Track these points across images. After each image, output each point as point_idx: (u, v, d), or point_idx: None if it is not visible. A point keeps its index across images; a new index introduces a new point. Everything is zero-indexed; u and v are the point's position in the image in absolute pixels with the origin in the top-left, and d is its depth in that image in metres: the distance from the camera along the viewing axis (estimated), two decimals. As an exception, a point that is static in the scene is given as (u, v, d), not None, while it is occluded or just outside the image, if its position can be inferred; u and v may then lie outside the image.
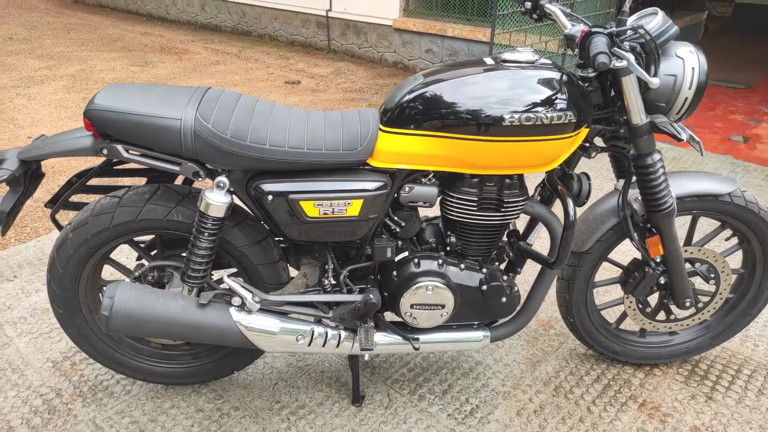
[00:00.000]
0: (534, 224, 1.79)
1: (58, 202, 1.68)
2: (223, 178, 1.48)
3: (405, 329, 1.73)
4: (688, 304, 1.85)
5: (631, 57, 1.40)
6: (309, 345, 1.64)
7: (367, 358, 1.71)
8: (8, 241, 2.85)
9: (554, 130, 1.46)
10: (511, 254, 1.77)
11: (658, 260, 1.80)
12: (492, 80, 1.46)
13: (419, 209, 1.66)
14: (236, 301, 1.55)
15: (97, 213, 1.59)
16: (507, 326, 1.79)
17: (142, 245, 1.78)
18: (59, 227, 1.75)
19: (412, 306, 1.65)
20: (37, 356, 2.10)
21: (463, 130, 1.45)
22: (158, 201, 1.59)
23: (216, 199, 1.49)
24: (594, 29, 1.45)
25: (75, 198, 1.69)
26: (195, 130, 1.42)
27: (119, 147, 1.46)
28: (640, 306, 1.92)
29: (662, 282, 1.83)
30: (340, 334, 1.67)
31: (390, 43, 6.52)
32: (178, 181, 1.80)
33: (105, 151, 1.46)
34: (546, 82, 1.46)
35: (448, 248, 1.70)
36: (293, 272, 2.43)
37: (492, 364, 2.09)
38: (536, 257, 1.71)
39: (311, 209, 1.51)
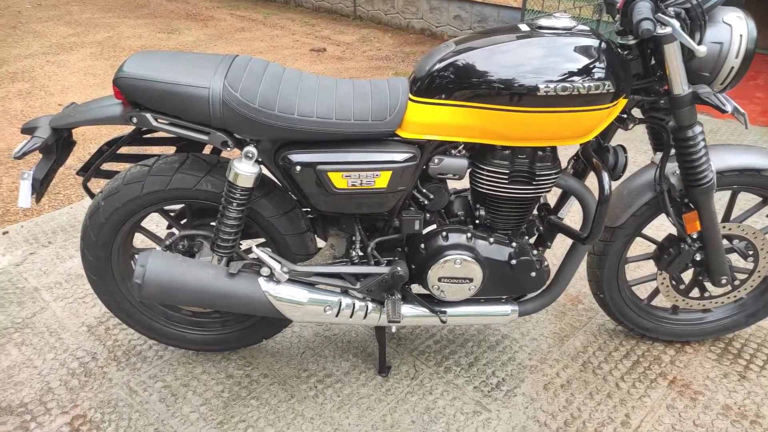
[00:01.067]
0: (566, 198, 1.75)
1: (89, 170, 1.70)
2: (251, 148, 1.47)
3: (432, 302, 1.72)
4: (724, 281, 1.80)
5: (676, 23, 1.33)
6: (336, 316, 1.64)
7: (394, 330, 1.71)
8: (42, 208, 2.91)
9: (591, 100, 1.41)
10: (541, 228, 1.74)
11: (694, 236, 1.74)
12: (527, 48, 1.41)
13: (448, 181, 1.63)
14: (265, 271, 1.56)
15: (128, 181, 1.60)
16: (535, 301, 1.77)
17: (172, 214, 1.80)
18: (91, 195, 1.77)
19: (439, 279, 1.63)
20: (72, 321, 2.15)
21: (496, 101, 1.41)
22: (187, 170, 1.60)
23: (244, 169, 1.48)
24: None
25: (106, 166, 1.70)
26: (223, 99, 1.41)
27: (148, 116, 1.45)
28: (674, 283, 1.88)
29: (698, 259, 1.78)
30: (367, 306, 1.67)
31: (417, 9, 6.37)
32: (207, 150, 1.80)
33: (134, 120, 1.46)
34: (584, 50, 1.40)
35: (477, 221, 1.68)
36: (320, 243, 2.44)
37: (519, 338, 2.08)
38: (568, 232, 1.68)
39: (339, 180, 1.49)
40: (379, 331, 1.87)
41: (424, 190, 1.61)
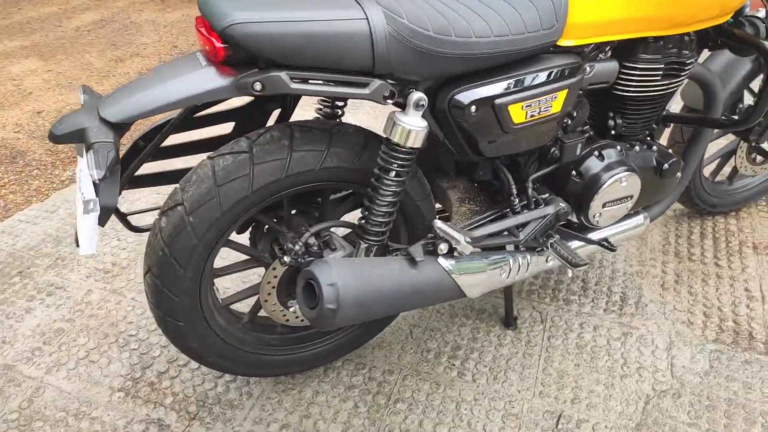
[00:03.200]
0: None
1: (122, 176, 1.19)
2: (420, 95, 1.10)
3: (580, 231, 1.55)
4: None
5: None
6: (508, 277, 1.39)
7: (570, 275, 1.50)
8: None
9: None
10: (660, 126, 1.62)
11: None
12: None
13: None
14: (442, 248, 1.24)
15: (225, 180, 1.13)
16: (661, 204, 1.68)
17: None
18: (124, 220, 1.27)
19: (604, 205, 1.45)
20: (94, 391, 1.59)
21: None
22: (303, 146, 1.17)
23: (415, 123, 1.12)
24: None
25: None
26: (389, 32, 1.02)
27: (282, 75, 1.01)
28: (750, 153, 1.92)
29: None
30: (527, 257, 1.43)
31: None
32: (272, 120, 1.36)
33: (258, 86, 1.00)
34: None
35: (612, 131, 1.50)
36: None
37: (601, 249, 2.01)
38: (714, 123, 1.56)
39: (518, 113, 1.20)
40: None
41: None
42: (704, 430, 1.43)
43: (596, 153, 1.43)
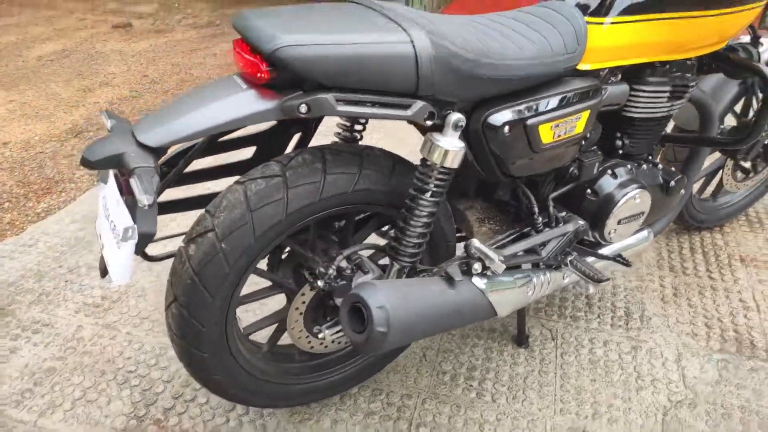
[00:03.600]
0: None
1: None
2: (461, 116, 1.11)
3: (594, 248, 1.57)
4: None
5: None
6: (532, 294, 1.39)
7: (592, 291, 1.52)
8: None
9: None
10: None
11: None
12: None
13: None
14: (477, 267, 1.23)
15: (258, 204, 1.10)
16: (663, 219, 1.74)
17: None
18: (146, 256, 1.22)
19: (619, 222, 1.48)
20: (96, 432, 1.50)
21: (691, 6, 1.27)
22: (336, 169, 1.16)
23: (453, 144, 1.12)
24: None
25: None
26: (433, 55, 1.02)
27: (329, 97, 0.99)
28: (736, 170, 2.01)
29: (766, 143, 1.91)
30: (548, 274, 1.45)
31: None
32: (290, 146, 1.34)
33: (303, 109, 0.99)
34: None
35: (620, 151, 1.55)
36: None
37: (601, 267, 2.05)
38: (713, 141, 1.63)
39: (547, 133, 1.22)
40: (518, 302, 1.65)
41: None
42: (724, 438, 1.46)
43: (610, 172, 1.47)
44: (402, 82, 1.02)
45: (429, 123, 1.10)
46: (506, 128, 1.17)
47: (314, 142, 1.30)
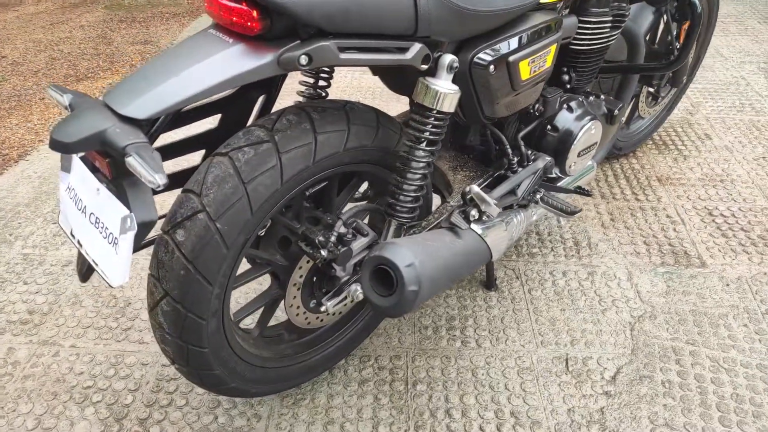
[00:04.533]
0: None
1: None
2: (454, 57, 1.07)
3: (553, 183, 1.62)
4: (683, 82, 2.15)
5: None
6: (515, 234, 1.41)
7: (562, 222, 1.56)
8: None
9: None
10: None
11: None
12: None
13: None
14: (474, 214, 1.21)
15: (252, 175, 1.00)
16: (603, 148, 1.83)
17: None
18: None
19: (578, 154, 1.54)
20: (65, 461, 1.32)
21: None
22: (326, 127, 1.07)
23: (449, 86, 1.08)
24: None
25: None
26: None
27: (330, 44, 0.90)
28: (649, 97, 2.17)
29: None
30: (522, 213, 1.48)
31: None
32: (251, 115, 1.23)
33: (304, 60, 0.89)
34: None
35: (567, 85, 1.60)
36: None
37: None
38: (647, 68, 1.72)
39: (525, 69, 1.22)
40: (486, 246, 1.68)
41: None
42: (685, 341, 1.60)
43: (566, 106, 1.51)
44: (401, 23, 0.96)
45: (424, 67, 1.05)
46: (492, 67, 1.15)
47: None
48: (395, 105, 2.87)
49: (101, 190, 0.84)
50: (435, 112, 1.09)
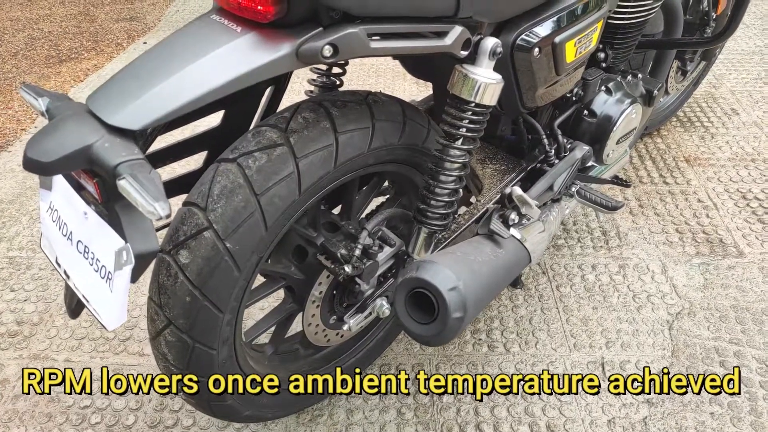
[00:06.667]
0: None
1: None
2: (497, 41, 0.91)
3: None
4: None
5: None
6: (552, 232, 1.28)
7: (602, 219, 1.42)
8: None
9: None
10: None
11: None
12: None
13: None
14: (514, 218, 1.08)
15: (265, 185, 0.86)
16: (637, 130, 1.69)
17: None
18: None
19: (618, 141, 1.39)
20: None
21: None
22: (348, 125, 0.93)
23: (491, 75, 0.93)
24: None
25: None
26: None
27: (359, 31, 0.75)
28: (678, 72, 2.01)
29: None
30: (556, 208, 1.34)
31: None
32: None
33: (328, 51, 0.74)
34: None
35: (603, 63, 1.44)
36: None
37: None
38: (689, 43, 1.57)
39: (571, 51, 1.07)
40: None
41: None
42: (728, 340, 1.48)
43: (604, 88, 1.36)
44: (443, 1, 0.80)
45: (464, 53, 0.90)
46: (536, 50, 1.00)
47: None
48: (401, 84, 2.70)
49: (89, 214, 0.70)
50: (473, 105, 0.94)
